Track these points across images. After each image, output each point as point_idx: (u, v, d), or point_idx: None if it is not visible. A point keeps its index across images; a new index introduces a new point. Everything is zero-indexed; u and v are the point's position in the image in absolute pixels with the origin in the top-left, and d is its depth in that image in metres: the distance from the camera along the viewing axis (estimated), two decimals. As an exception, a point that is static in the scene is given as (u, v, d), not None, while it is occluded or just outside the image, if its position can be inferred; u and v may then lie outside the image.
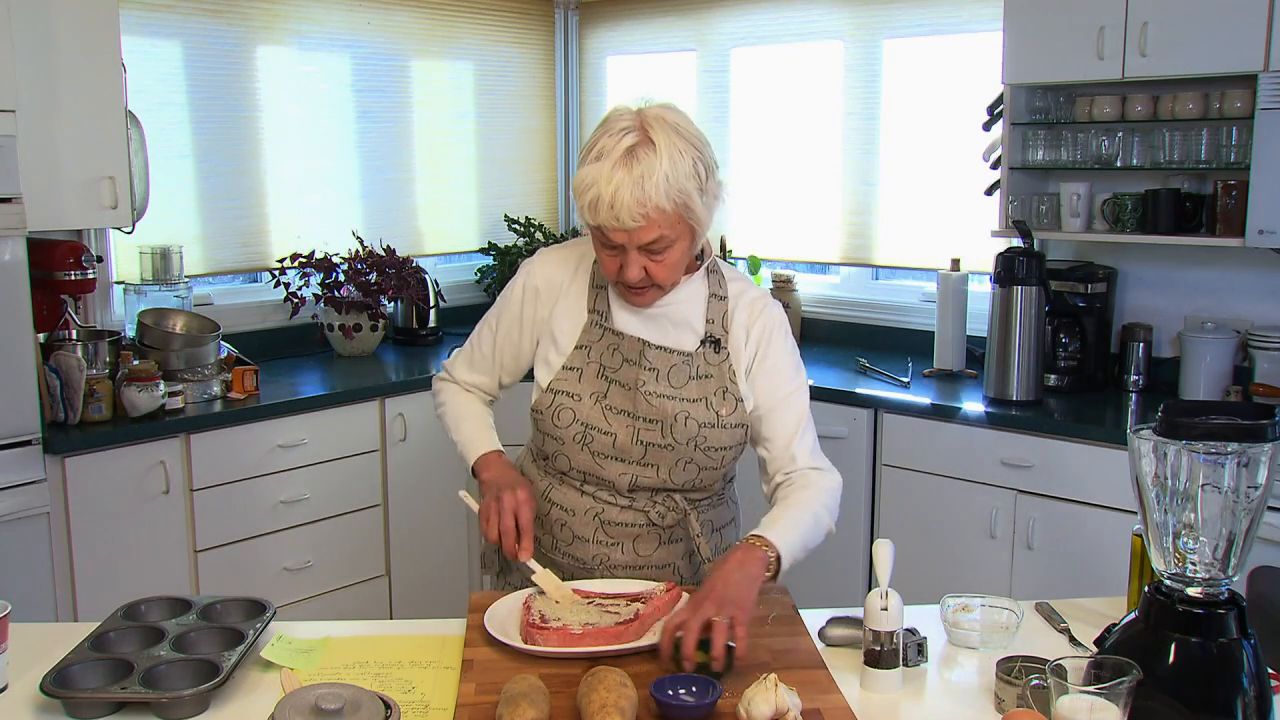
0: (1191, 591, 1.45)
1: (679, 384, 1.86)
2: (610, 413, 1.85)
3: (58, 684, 1.51)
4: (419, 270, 4.28)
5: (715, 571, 1.67)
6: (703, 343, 1.89)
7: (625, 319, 1.89)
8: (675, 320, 1.89)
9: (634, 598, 1.77)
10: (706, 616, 1.56)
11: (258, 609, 1.76)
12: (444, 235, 4.68)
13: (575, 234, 4.89)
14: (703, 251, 1.92)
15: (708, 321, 1.90)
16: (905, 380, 3.65)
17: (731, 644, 1.54)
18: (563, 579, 1.86)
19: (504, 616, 1.74)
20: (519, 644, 1.65)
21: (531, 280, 1.96)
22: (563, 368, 1.89)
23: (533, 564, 1.82)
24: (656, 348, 1.87)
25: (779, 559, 1.71)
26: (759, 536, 1.73)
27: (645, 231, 1.72)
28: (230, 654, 1.60)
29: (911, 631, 1.65)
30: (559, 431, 1.87)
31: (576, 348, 1.89)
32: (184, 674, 1.56)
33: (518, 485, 1.86)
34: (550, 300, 1.93)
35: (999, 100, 3.54)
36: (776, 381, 1.91)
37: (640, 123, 1.74)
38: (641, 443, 1.85)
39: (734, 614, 1.56)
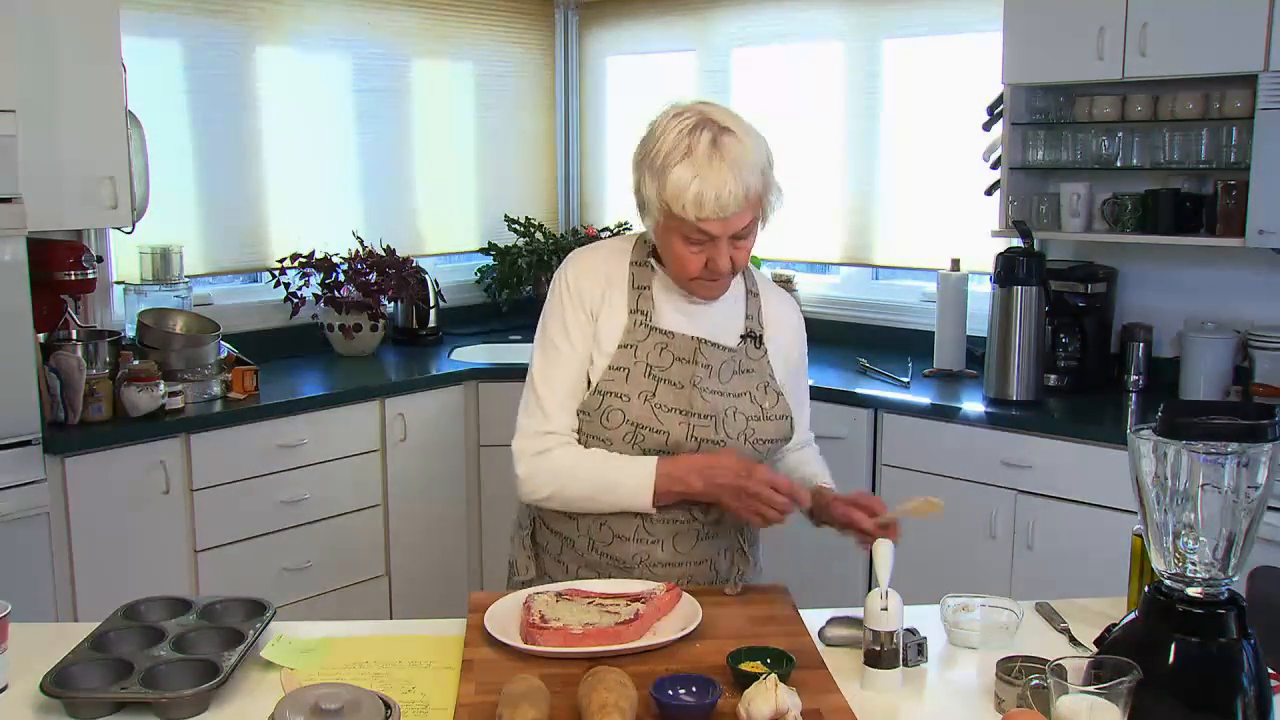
0: (1191, 591, 1.45)
1: (726, 379, 1.89)
2: (661, 411, 1.85)
3: (58, 684, 1.50)
4: (419, 270, 4.28)
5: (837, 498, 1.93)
6: (743, 338, 1.93)
7: (673, 318, 1.89)
8: (717, 317, 1.92)
9: (634, 598, 1.77)
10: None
11: (258, 609, 1.75)
12: (444, 235, 4.68)
13: (575, 234, 4.89)
14: None
15: (747, 318, 1.94)
16: (905, 380, 3.65)
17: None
18: (598, 579, 1.87)
19: (504, 616, 1.74)
20: (519, 644, 1.65)
21: (575, 283, 1.91)
22: (608, 368, 1.86)
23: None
24: (711, 345, 1.88)
25: None
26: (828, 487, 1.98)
27: (741, 217, 1.76)
28: (230, 654, 1.59)
29: (911, 631, 1.65)
30: (608, 433, 1.86)
31: (620, 347, 1.87)
32: (184, 674, 1.55)
33: (733, 464, 1.81)
34: (593, 301, 1.90)
35: (999, 100, 3.54)
36: (800, 386, 2.04)
37: (703, 116, 1.76)
38: (696, 439, 1.85)
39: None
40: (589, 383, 1.87)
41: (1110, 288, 3.55)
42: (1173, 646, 1.42)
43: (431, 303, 4.34)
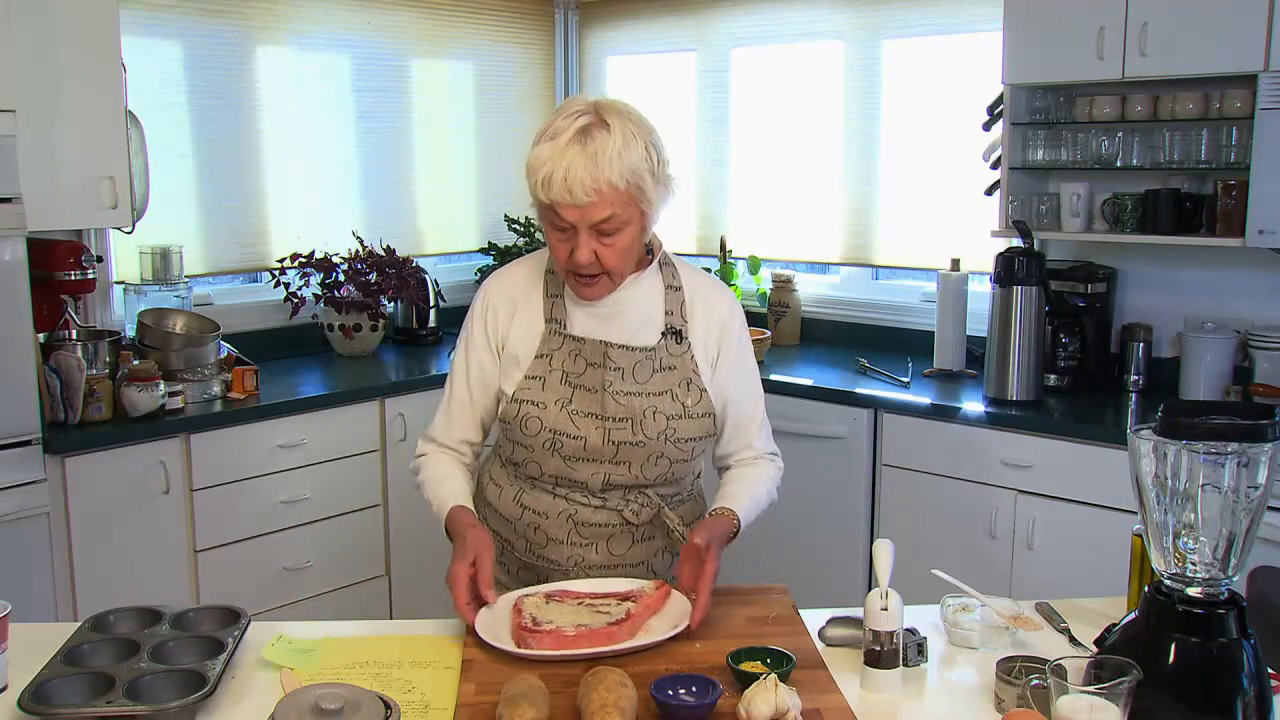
0: (1191, 591, 1.45)
1: (644, 379, 1.88)
2: (577, 416, 1.86)
3: (36, 700, 1.45)
4: (419, 270, 4.28)
5: (699, 526, 1.84)
6: (664, 335, 1.91)
7: (584, 323, 1.90)
8: (633, 318, 1.91)
9: (624, 597, 1.77)
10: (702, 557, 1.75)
11: (231, 616, 1.73)
12: (444, 235, 4.68)
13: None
14: (651, 246, 1.95)
15: (666, 314, 1.92)
16: (905, 380, 3.64)
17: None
18: (537, 582, 1.89)
19: (495, 620, 1.73)
20: (511, 648, 1.65)
21: (491, 302, 1.97)
22: (525, 377, 1.90)
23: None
24: (619, 347, 1.89)
25: (738, 531, 1.89)
26: (728, 510, 1.88)
27: (597, 209, 1.74)
28: (214, 663, 1.57)
29: (911, 631, 1.65)
30: (528, 440, 1.89)
31: (537, 357, 1.90)
32: (169, 685, 1.52)
33: (470, 547, 1.79)
34: (508, 316, 1.95)
35: (999, 100, 3.54)
36: (739, 380, 1.98)
37: (594, 108, 1.78)
38: (613, 442, 1.86)
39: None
40: (506, 394, 1.91)
41: (1110, 288, 3.55)
42: (1173, 646, 1.42)
43: (431, 303, 4.34)
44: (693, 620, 1.70)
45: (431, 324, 4.36)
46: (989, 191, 3.63)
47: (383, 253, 4.18)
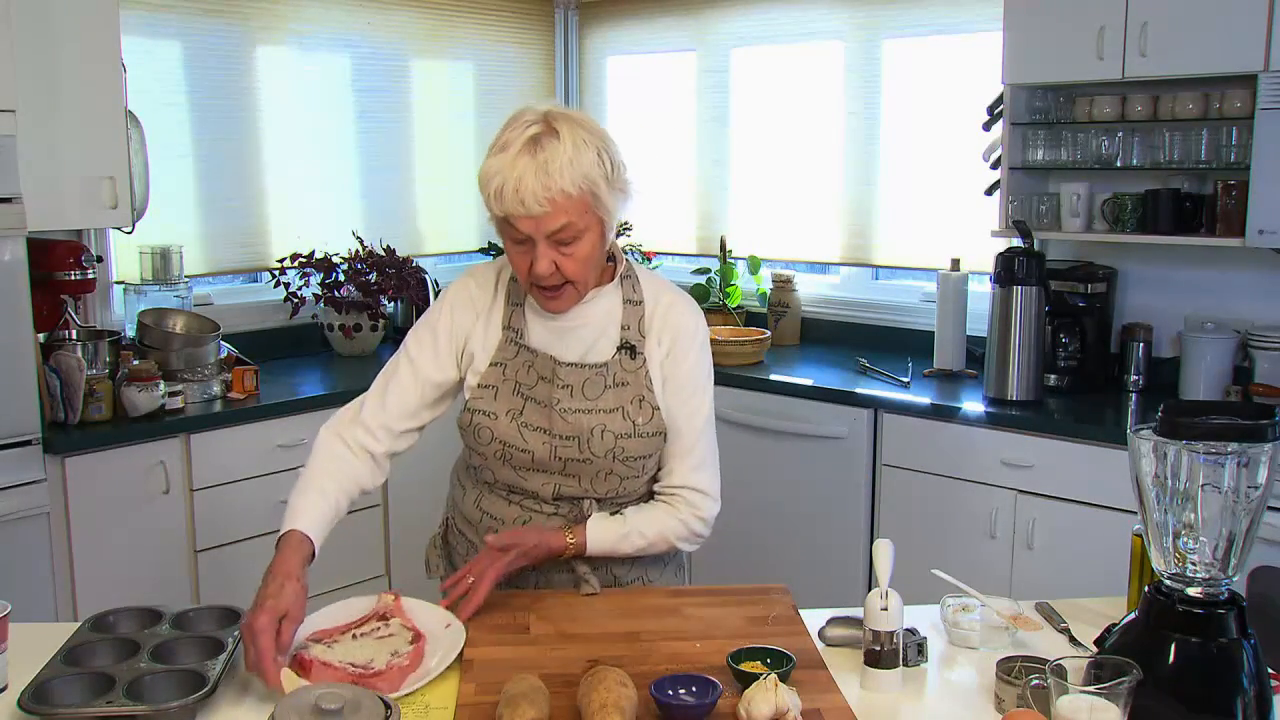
0: (1191, 591, 1.45)
1: (594, 395, 1.85)
2: (527, 430, 1.85)
3: (36, 700, 1.45)
4: (419, 270, 4.28)
5: (529, 530, 1.86)
6: (619, 350, 1.88)
7: (540, 336, 1.88)
8: (591, 332, 1.88)
9: (382, 616, 1.75)
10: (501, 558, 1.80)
11: (231, 616, 1.73)
12: (444, 235, 4.68)
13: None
14: (614, 258, 1.92)
15: (623, 328, 1.89)
16: (905, 380, 3.64)
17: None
18: (500, 587, 1.85)
19: (289, 675, 1.61)
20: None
21: (462, 297, 1.94)
22: (479, 385, 1.88)
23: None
24: (568, 365, 1.86)
25: (579, 555, 1.88)
26: (575, 532, 1.86)
27: (552, 218, 1.72)
28: (214, 663, 1.57)
29: (911, 631, 1.65)
30: (480, 448, 1.88)
31: (491, 365, 1.88)
32: (169, 685, 1.52)
33: (271, 599, 1.60)
34: (475, 315, 1.92)
35: (999, 100, 3.54)
36: (676, 392, 1.90)
37: (544, 117, 1.75)
38: (560, 458, 1.85)
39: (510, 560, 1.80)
40: (464, 396, 1.90)
41: (1110, 288, 3.55)
42: (1173, 646, 1.42)
43: (431, 302, 4.34)
44: (461, 614, 1.74)
45: (431, 324, 4.35)
46: (989, 191, 3.63)
47: (383, 253, 4.18)
